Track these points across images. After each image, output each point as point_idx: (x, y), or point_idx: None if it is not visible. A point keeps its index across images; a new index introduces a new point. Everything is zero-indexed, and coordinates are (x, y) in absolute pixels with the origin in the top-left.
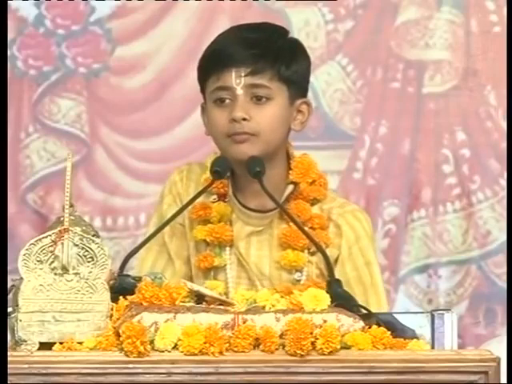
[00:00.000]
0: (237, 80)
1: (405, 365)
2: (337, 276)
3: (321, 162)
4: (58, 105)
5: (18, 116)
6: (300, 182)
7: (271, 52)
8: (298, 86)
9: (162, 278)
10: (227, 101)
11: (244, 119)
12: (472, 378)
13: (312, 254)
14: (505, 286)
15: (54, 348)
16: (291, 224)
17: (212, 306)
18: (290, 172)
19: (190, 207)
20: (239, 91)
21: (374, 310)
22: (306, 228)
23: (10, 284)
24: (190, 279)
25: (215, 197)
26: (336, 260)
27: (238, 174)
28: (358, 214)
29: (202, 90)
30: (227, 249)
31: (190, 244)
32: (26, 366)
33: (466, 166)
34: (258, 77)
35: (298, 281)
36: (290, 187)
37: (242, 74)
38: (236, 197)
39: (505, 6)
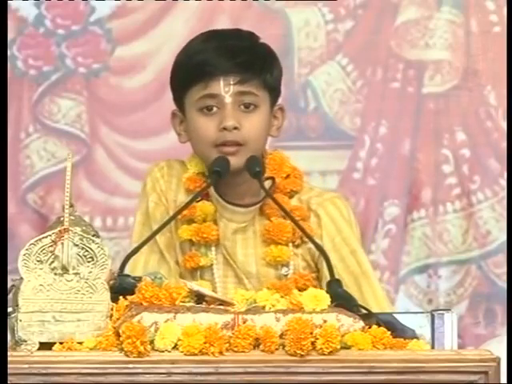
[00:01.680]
0: (225, 88)
1: (405, 365)
2: (324, 269)
3: (321, 162)
4: (58, 105)
5: (18, 116)
6: (276, 177)
7: (256, 60)
8: (277, 92)
9: (161, 278)
10: (214, 109)
11: (235, 128)
12: (472, 378)
13: (297, 246)
14: (505, 286)
15: (54, 348)
16: (273, 219)
17: (212, 305)
18: (264, 169)
19: (174, 207)
20: (228, 99)
21: (369, 298)
22: (286, 221)
23: (10, 284)
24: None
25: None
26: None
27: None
28: (337, 201)
29: (179, 98)
30: (213, 248)
31: (176, 244)
32: (26, 365)
33: (466, 166)
34: (246, 85)
35: (286, 275)
36: (268, 182)
37: (231, 82)
38: (219, 194)
39: (505, 5)
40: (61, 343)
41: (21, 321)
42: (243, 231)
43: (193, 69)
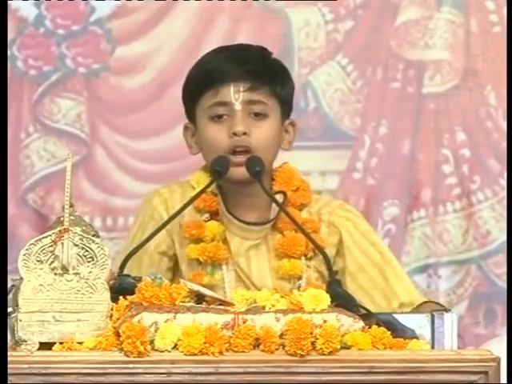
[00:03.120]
0: (235, 95)
1: (405, 365)
2: (349, 265)
3: (321, 162)
4: (58, 105)
5: (18, 116)
6: (286, 191)
7: (266, 69)
8: (288, 107)
9: (161, 278)
10: (225, 116)
11: (244, 133)
12: (472, 377)
13: (309, 259)
14: (505, 286)
15: (54, 348)
16: (286, 233)
17: (212, 305)
18: (273, 183)
19: (182, 225)
20: (238, 106)
21: (397, 288)
22: (299, 234)
23: (10, 284)
24: None
25: (207, 215)
26: (336, 255)
27: (229, 191)
28: (347, 207)
29: (190, 109)
30: (223, 267)
31: (182, 261)
32: (26, 365)
33: (466, 166)
34: (256, 93)
35: (299, 288)
36: (280, 196)
37: (241, 90)
38: (231, 213)
39: (505, 6)
40: (61, 343)
41: (21, 321)
42: (257, 247)
43: (204, 76)
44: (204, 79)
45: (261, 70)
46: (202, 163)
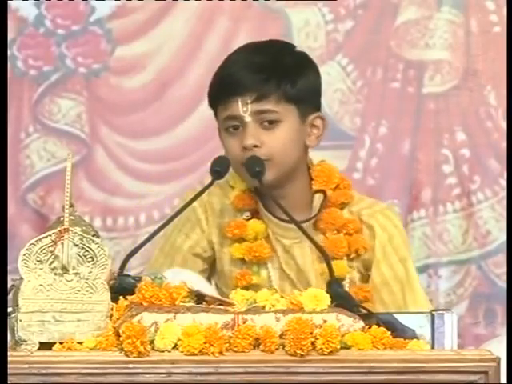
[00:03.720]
0: (243, 108)
1: (405, 365)
2: (374, 277)
3: None
4: (58, 105)
5: (18, 116)
6: (325, 190)
7: (276, 74)
8: (308, 102)
9: (161, 278)
10: (240, 128)
11: (255, 146)
12: (472, 377)
13: (351, 259)
14: (505, 286)
15: (54, 348)
16: (328, 234)
17: (212, 306)
18: (313, 182)
19: (221, 225)
20: (247, 118)
21: (411, 308)
22: (341, 235)
23: (10, 284)
24: None
25: (248, 214)
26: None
27: (263, 194)
28: (388, 213)
29: (215, 115)
30: (269, 265)
31: (224, 261)
32: (26, 365)
33: (466, 166)
34: (264, 102)
35: None
36: (320, 196)
37: (248, 101)
38: (269, 211)
39: (505, 6)
40: (61, 343)
41: (21, 321)
42: (300, 247)
43: (216, 88)
44: (216, 91)
45: (269, 75)
46: (202, 163)
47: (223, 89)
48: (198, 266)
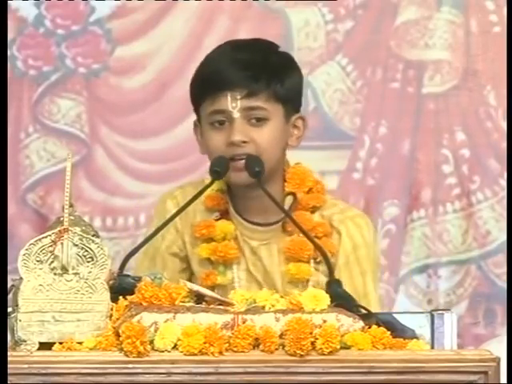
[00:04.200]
0: (233, 103)
1: (405, 365)
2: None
3: (321, 162)
4: (57, 105)
5: (18, 116)
6: (297, 192)
7: (265, 72)
8: (293, 103)
9: (161, 278)
10: (226, 123)
11: (244, 142)
12: (472, 378)
13: (318, 262)
14: (505, 286)
15: (53, 348)
16: (293, 236)
17: (212, 306)
18: (286, 184)
19: (193, 225)
20: (236, 114)
21: None
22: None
23: (10, 284)
24: None
25: (217, 214)
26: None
27: (236, 194)
28: (359, 220)
29: (196, 110)
30: (234, 266)
31: (193, 261)
32: (26, 366)
33: (466, 166)
34: (253, 99)
35: None
36: (289, 198)
37: (238, 97)
38: (238, 213)
39: (505, 6)
40: (60, 343)
41: (20, 321)
42: (267, 248)
43: (202, 82)
44: (202, 86)
45: (259, 73)
46: (202, 163)
47: (211, 83)
48: (176, 265)
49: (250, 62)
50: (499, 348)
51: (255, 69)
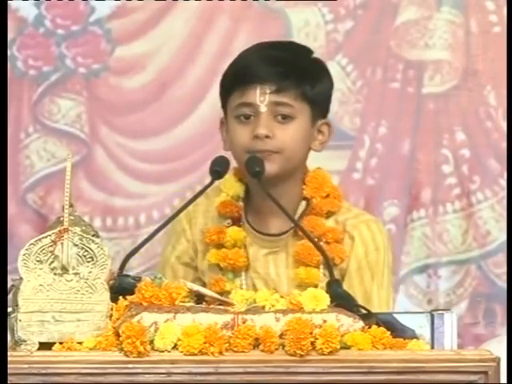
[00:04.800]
0: (261, 97)
1: (405, 365)
2: (345, 289)
3: (321, 162)
4: (57, 105)
5: (18, 116)
6: (313, 197)
7: (296, 71)
8: (321, 107)
9: (161, 278)
10: (251, 117)
11: (267, 136)
12: (472, 378)
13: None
14: (505, 286)
15: (53, 348)
16: (304, 241)
17: (212, 306)
18: (304, 187)
19: (205, 231)
20: (263, 108)
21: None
22: (318, 243)
23: (10, 284)
24: None
25: (229, 221)
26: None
27: (253, 193)
28: (372, 225)
29: (223, 105)
30: (242, 274)
31: (203, 266)
32: (26, 366)
33: (466, 166)
34: (282, 95)
35: None
36: (303, 204)
37: (267, 92)
38: (249, 221)
39: (505, 5)
40: (60, 343)
41: (20, 321)
42: (276, 256)
43: (233, 76)
44: (232, 78)
45: (290, 71)
46: (201, 163)
47: (242, 76)
48: (189, 275)
49: (282, 59)
50: (499, 348)
51: (286, 66)
